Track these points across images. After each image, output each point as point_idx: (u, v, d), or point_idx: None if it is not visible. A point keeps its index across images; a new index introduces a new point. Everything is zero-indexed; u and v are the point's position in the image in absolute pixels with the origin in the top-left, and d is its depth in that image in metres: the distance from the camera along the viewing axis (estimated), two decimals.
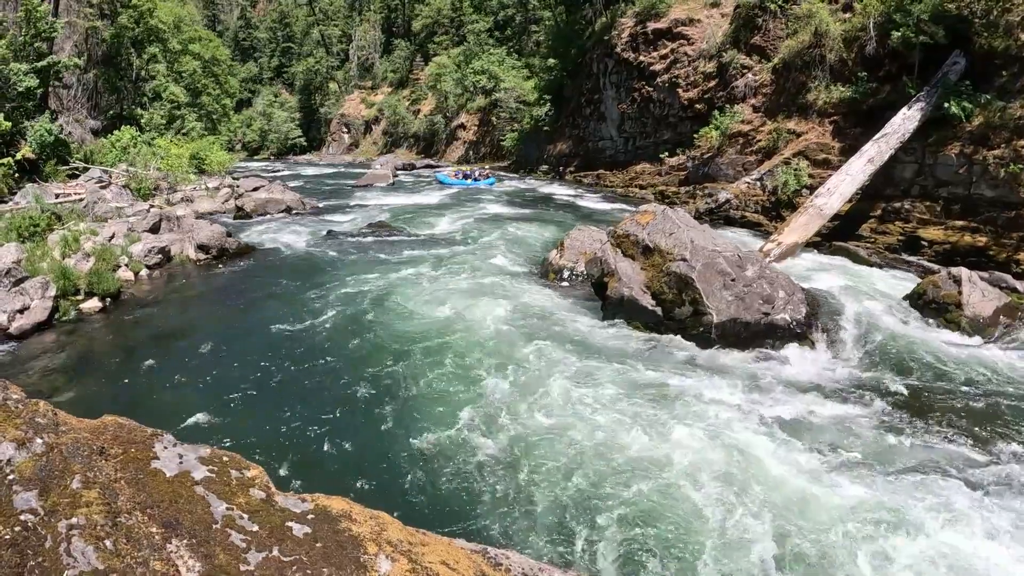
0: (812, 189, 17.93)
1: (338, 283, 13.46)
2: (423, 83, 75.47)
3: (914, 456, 6.88)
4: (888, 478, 6.46)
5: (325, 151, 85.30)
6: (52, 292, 11.27)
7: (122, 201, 21.96)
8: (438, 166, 52.34)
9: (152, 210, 20.13)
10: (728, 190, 21.31)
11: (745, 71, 25.65)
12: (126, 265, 14.04)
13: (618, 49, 33.88)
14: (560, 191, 32.32)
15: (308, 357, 9.70)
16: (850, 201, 17.01)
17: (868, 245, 16.61)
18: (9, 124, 23.28)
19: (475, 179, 37.68)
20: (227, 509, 2.65)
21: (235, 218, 22.85)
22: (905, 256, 15.79)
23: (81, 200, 21.02)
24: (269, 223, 21.67)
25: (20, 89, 25.92)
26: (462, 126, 63.34)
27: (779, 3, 24.86)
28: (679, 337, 10.12)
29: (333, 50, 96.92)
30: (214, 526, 2.53)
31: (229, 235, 16.76)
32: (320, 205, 26.60)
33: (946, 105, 16.07)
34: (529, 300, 12.17)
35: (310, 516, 2.78)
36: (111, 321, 11.63)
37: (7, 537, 2.11)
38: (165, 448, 2.91)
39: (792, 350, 9.73)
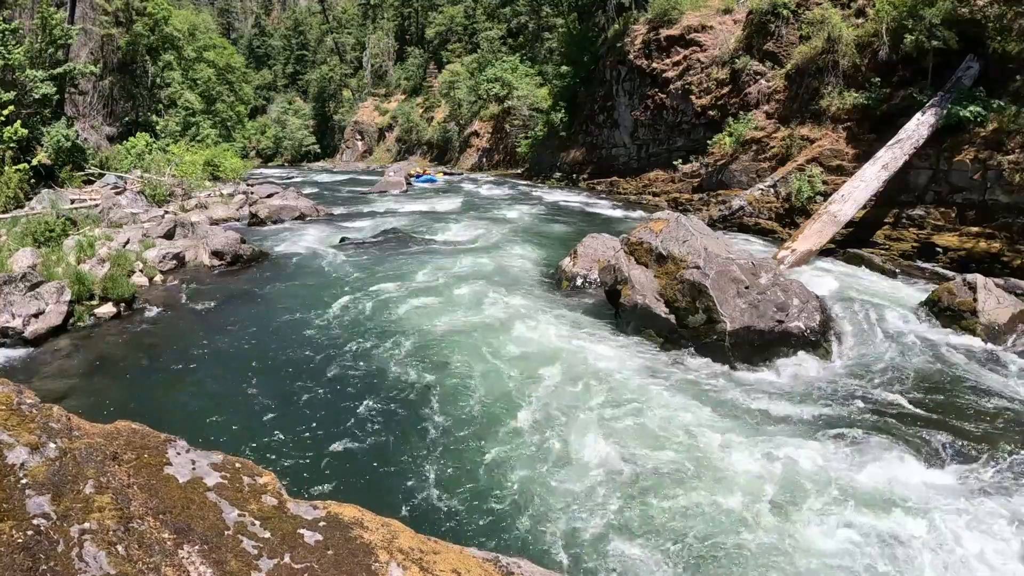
0: (826, 196, 17.83)
1: (351, 290, 13.49)
2: (436, 91, 75.76)
3: (929, 465, 6.83)
4: (902, 486, 6.41)
5: (339, 158, 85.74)
6: (67, 297, 11.32)
7: (137, 207, 22.11)
8: (451, 173, 52.58)
9: (167, 216, 20.27)
10: (742, 197, 21.23)
11: (758, 77, 25.56)
12: (141, 271, 14.11)
13: (631, 56, 33.85)
14: (573, 198, 32.27)
15: (321, 365, 9.71)
16: (864, 208, 16.90)
17: (882, 252, 16.50)
18: (26, 131, 23.50)
19: (422, 177, 44.28)
20: (239, 515, 2.65)
21: (249, 224, 22.90)
22: (920, 263, 15.68)
23: (96, 206, 21.20)
24: (283, 230, 21.75)
25: (36, 96, 26.20)
26: (476, 133, 63.46)
27: (792, 9, 24.78)
28: (692, 345, 10.07)
29: (347, 58, 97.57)
30: (226, 532, 2.54)
31: (243, 241, 16.80)
32: (334, 212, 26.67)
33: (956, 110, 15.99)
34: (542, 307, 12.15)
35: (322, 523, 2.78)
36: (125, 326, 11.69)
37: (20, 541, 2.12)
38: (178, 454, 2.92)
39: (806, 358, 9.65)
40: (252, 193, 29.19)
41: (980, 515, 6.02)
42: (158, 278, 14.30)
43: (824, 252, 16.15)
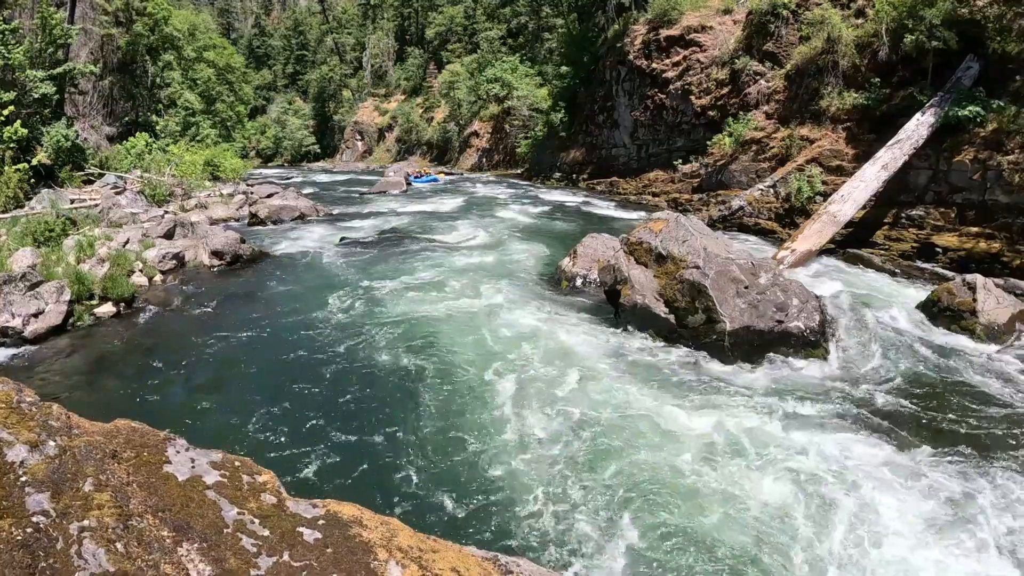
0: (826, 196, 17.83)
1: (351, 290, 13.49)
2: (436, 91, 75.76)
3: (925, 466, 6.83)
4: (894, 486, 6.42)
5: (339, 158, 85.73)
6: (67, 297, 11.32)
7: (137, 207, 22.10)
8: (451, 173, 52.63)
9: (166, 216, 20.27)
10: (741, 197, 21.23)
11: (758, 78, 25.55)
12: (140, 271, 14.10)
13: (631, 56, 33.84)
14: (573, 198, 32.27)
15: (320, 363, 9.71)
16: (864, 208, 16.90)
17: (882, 252, 16.51)
18: (26, 131, 23.48)
19: (424, 177, 45.06)
20: (238, 514, 2.65)
21: (249, 224, 22.90)
22: (920, 263, 15.68)
23: (96, 205, 21.20)
24: (283, 230, 21.75)
25: (36, 96, 26.19)
26: (475, 134, 63.46)
27: (792, 9, 24.78)
28: (692, 345, 10.07)
29: (347, 58, 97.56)
30: (225, 530, 2.54)
31: (243, 241, 16.78)
32: (334, 212, 26.67)
33: (955, 110, 15.99)
34: (541, 307, 12.15)
35: (321, 522, 2.78)
36: (125, 326, 11.69)
37: (19, 538, 2.12)
38: (177, 452, 2.92)
39: (805, 358, 9.66)
40: (252, 193, 29.20)
41: (916, 491, 6.36)
42: (158, 278, 14.29)
43: (824, 252, 16.16)
